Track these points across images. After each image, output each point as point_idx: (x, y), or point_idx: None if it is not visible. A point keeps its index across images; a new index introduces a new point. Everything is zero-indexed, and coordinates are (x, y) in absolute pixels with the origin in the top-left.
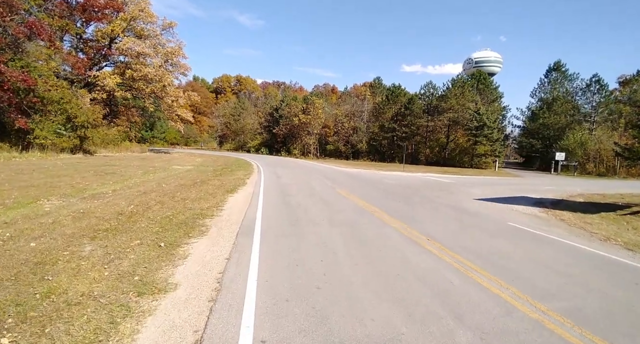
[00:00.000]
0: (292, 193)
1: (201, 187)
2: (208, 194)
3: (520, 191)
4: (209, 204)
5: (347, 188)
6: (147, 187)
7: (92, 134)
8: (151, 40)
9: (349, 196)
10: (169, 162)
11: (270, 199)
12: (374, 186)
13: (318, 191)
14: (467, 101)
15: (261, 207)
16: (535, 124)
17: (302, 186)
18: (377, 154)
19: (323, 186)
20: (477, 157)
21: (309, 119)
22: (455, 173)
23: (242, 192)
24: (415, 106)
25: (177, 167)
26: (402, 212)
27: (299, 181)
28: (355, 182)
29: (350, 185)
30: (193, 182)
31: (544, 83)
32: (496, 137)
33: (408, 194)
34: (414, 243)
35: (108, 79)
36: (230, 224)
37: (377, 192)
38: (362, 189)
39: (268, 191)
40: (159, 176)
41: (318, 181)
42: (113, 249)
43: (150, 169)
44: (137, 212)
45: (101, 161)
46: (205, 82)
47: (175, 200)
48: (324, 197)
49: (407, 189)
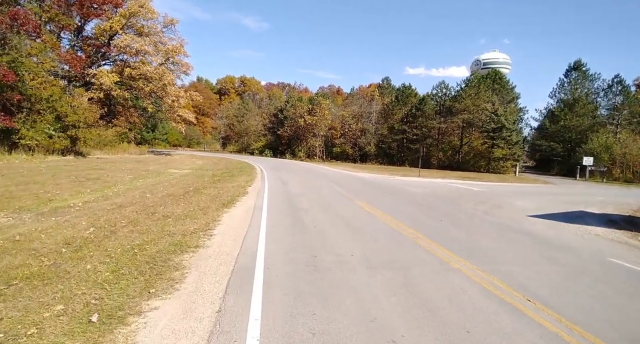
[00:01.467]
0: (303, 206)
1: (193, 198)
2: (199, 209)
3: (572, 203)
4: (196, 226)
5: (367, 199)
6: (128, 197)
7: (83, 135)
8: (151, 38)
9: (374, 211)
10: (166, 165)
11: (275, 216)
12: (398, 196)
13: (333, 204)
14: (483, 101)
15: (264, 232)
16: (556, 126)
17: (312, 195)
18: (386, 157)
19: (337, 195)
20: (494, 162)
21: (315, 120)
22: (476, 179)
23: (242, 205)
24: (426, 106)
25: (173, 171)
26: (457, 240)
27: (308, 189)
28: (374, 191)
29: (369, 195)
30: (185, 191)
31: (563, 83)
32: (515, 140)
33: (446, 208)
34: (521, 315)
35: (105, 78)
36: (218, 265)
37: (407, 205)
38: (385, 200)
39: (273, 204)
40: (149, 182)
41: (330, 189)
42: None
43: (143, 173)
44: (93, 240)
45: (91, 163)
46: (209, 83)
47: (154, 218)
48: (343, 213)
49: (441, 201)
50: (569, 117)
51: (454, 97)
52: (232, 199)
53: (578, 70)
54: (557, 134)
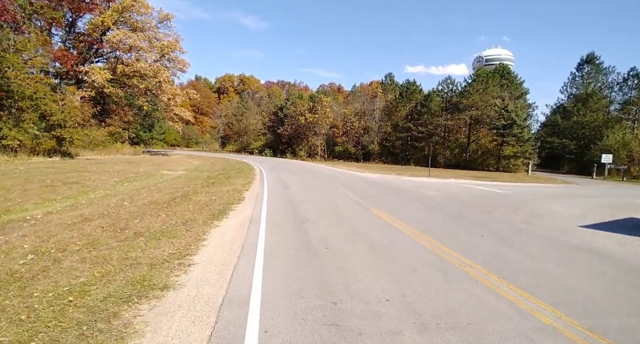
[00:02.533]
0: (309, 217)
1: (179, 206)
2: (182, 223)
3: (613, 207)
4: (172, 249)
5: (383, 206)
6: (101, 207)
7: (70, 135)
8: (145, 34)
9: (395, 222)
10: (159, 166)
11: (276, 232)
12: (417, 202)
13: (345, 213)
14: (492, 97)
15: (262, 259)
16: (569, 122)
17: (319, 202)
18: (389, 156)
19: (347, 201)
20: (504, 160)
21: (316, 118)
22: (490, 178)
23: (235, 217)
24: (432, 103)
25: (166, 172)
26: (520, 268)
27: (313, 194)
28: (387, 195)
29: (383, 200)
30: (171, 198)
31: (575, 77)
32: (527, 137)
33: (477, 217)
34: None
35: (97, 75)
36: (189, 327)
37: (430, 213)
38: (404, 206)
39: (273, 214)
40: (134, 186)
41: (338, 193)
42: None
43: (131, 175)
44: (22, 275)
45: (76, 165)
46: (207, 82)
47: (121, 237)
48: (360, 226)
49: (467, 208)
50: (583, 112)
51: (461, 93)
52: (225, 208)
53: (591, 64)
54: (569, 131)
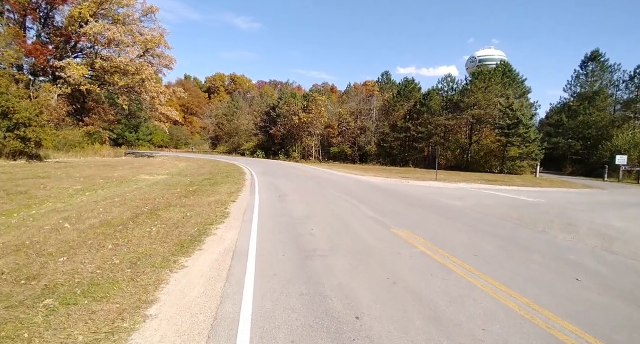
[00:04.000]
0: (317, 246)
1: (137, 230)
2: (128, 264)
3: None
4: (88, 332)
5: (409, 225)
6: (30, 231)
7: (36, 135)
8: (128, 27)
9: (441, 257)
10: (139, 169)
11: (272, 279)
12: (446, 217)
13: (365, 239)
14: (495, 95)
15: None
16: (574, 121)
17: (326, 219)
18: (387, 157)
19: (361, 217)
20: (509, 161)
21: (310, 117)
22: (502, 182)
23: (213, 247)
24: (432, 102)
25: (143, 177)
26: None
27: (315, 206)
28: (406, 207)
29: (405, 215)
30: (134, 215)
31: (579, 75)
32: (533, 136)
33: (541, 243)
34: None
35: (74, 70)
36: None
37: (476, 237)
38: (436, 226)
39: (266, 242)
40: (95, 196)
41: (345, 205)
42: None
43: (100, 181)
44: None
45: (39, 170)
46: (197, 81)
47: (12, 301)
48: (397, 267)
49: (515, 226)
50: (589, 111)
51: (462, 91)
52: (201, 230)
53: (596, 61)
54: (574, 130)
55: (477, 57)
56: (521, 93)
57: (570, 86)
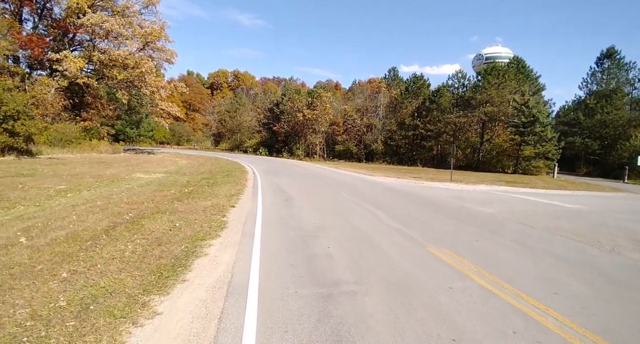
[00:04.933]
0: (337, 273)
1: (109, 247)
2: (74, 312)
3: None
4: None
5: (446, 241)
6: None
7: (26, 129)
8: (127, 19)
9: (507, 293)
10: (136, 166)
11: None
12: (485, 229)
13: (398, 262)
14: (509, 92)
15: None
16: (592, 120)
17: (343, 232)
18: (394, 155)
19: (384, 229)
20: (524, 161)
21: (315, 114)
22: (523, 184)
23: (202, 278)
24: (442, 99)
25: (138, 176)
26: None
27: (328, 213)
28: (434, 215)
29: (437, 227)
30: (110, 225)
31: (595, 73)
32: (550, 135)
33: (623, 273)
34: None
35: (70, 63)
36: None
37: (541, 264)
38: (479, 242)
39: (272, 266)
40: (76, 199)
41: (362, 213)
42: None
43: (88, 181)
44: None
45: (26, 167)
46: (200, 77)
47: None
48: (448, 309)
49: (583, 246)
50: (608, 110)
51: (474, 88)
52: (190, 250)
53: (611, 59)
54: (592, 130)
55: (484, 54)
56: (535, 90)
57: (587, 84)
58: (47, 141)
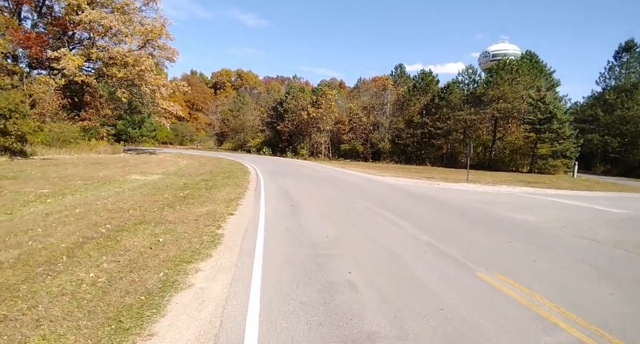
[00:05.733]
0: (368, 321)
1: (60, 278)
2: None
3: None
4: None
5: (496, 262)
6: None
7: (17, 128)
8: (127, 16)
9: None
10: (133, 167)
11: None
12: (539, 246)
13: (447, 299)
14: (523, 87)
15: None
16: (611, 116)
17: (364, 251)
18: (401, 154)
19: (417, 247)
20: (541, 160)
21: (320, 113)
22: (547, 184)
23: (178, 328)
24: (452, 95)
25: (133, 177)
26: None
27: (342, 225)
28: (468, 227)
29: (477, 242)
30: (80, 241)
31: (613, 67)
32: (568, 133)
33: None
34: None
35: (68, 61)
36: None
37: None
38: (543, 265)
39: (278, 304)
40: (56, 205)
41: (383, 223)
42: None
43: (77, 183)
44: None
45: (13, 167)
46: (203, 77)
47: None
48: None
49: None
50: (629, 105)
51: (486, 84)
52: (169, 280)
53: (630, 52)
54: (611, 126)
55: (491, 52)
56: (549, 86)
57: (604, 79)
58: (45, 141)
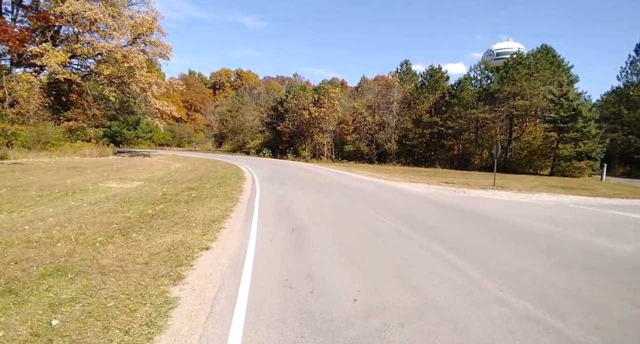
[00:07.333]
0: None
1: None
2: None
3: None
4: None
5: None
6: None
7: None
8: (114, 9)
9: None
10: (113, 173)
11: None
12: None
13: None
14: (542, 83)
15: None
16: (635, 114)
17: (412, 318)
18: (409, 156)
19: (524, 334)
20: (564, 161)
21: (322, 112)
22: (578, 189)
23: None
24: (464, 92)
25: (107, 185)
26: None
27: (373, 270)
28: (553, 268)
29: (600, 307)
30: None
31: (635, 61)
32: (594, 132)
33: None
34: None
35: (51, 57)
36: None
37: None
38: None
39: None
40: None
41: (437, 266)
42: None
43: (29, 194)
44: None
45: None
46: (202, 77)
47: None
48: None
49: None
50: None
51: (501, 79)
52: None
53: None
54: (636, 125)
55: (495, 50)
56: (568, 82)
57: (626, 74)
58: (24, 143)
